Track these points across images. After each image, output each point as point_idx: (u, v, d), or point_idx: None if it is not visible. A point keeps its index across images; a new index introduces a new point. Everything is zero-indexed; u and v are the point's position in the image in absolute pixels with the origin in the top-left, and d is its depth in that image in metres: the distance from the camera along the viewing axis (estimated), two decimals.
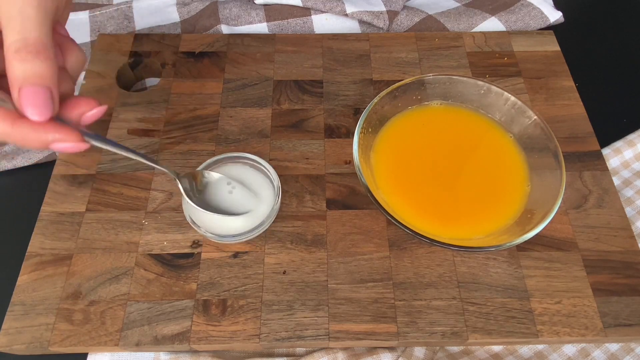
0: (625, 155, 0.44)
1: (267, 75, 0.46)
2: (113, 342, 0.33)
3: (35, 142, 0.26)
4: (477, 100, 0.41)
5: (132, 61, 0.47)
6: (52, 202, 0.39)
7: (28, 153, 0.43)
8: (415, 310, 0.34)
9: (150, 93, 0.45)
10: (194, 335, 0.33)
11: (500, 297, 0.35)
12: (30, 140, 0.26)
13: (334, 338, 0.33)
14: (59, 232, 0.37)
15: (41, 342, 0.33)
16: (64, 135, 0.26)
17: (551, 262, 0.36)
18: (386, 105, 0.39)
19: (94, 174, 0.40)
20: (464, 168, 0.39)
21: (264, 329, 0.34)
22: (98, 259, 0.36)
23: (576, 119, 0.44)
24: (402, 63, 0.47)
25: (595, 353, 0.35)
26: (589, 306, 0.35)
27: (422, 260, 0.37)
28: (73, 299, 0.35)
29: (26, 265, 0.36)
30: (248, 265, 0.36)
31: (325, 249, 0.37)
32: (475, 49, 0.48)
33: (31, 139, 0.26)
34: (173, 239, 0.37)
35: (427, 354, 0.35)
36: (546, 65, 0.47)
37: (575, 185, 0.40)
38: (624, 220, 0.38)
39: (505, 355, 0.36)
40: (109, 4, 0.53)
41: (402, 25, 0.53)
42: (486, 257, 0.37)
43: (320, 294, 0.35)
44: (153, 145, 0.42)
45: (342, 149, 0.42)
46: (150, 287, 0.35)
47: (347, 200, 0.39)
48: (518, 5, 0.54)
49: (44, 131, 0.26)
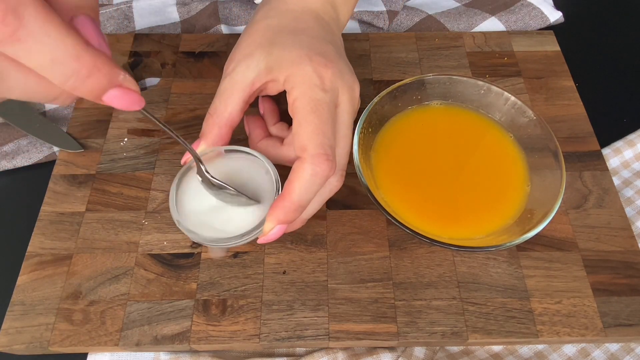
0: (625, 155, 0.44)
1: None
2: (113, 342, 0.33)
3: (103, 79, 0.21)
4: (477, 100, 0.41)
5: (132, 61, 0.47)
6: (52, 202, 0.39)
7: (28, 153, 0.43)
8: (415, 310, 0.34)
9: (150, 93, 0.45)
10: (194, 335, 0.33)
11: (500, 297, 0.35)
12: (98, 75, 0.21)
13: (334, 338, 0.33)
14: (59, 232, 0.37)
15: (41, 342, 0.33)
16: (131, 80, 0.23)
17: (551, 262, 0.36)
18: (386, 105, 0.39)
19: (94, 174, 0.40)
20: (464, 168, 0.39)
21: (264, 329, 0.34)
22: (98, 259, 0.36)
23: (576, 119, 0.44)
24: (402, 63, 0.47)
25: (595, 353, 0.35)
26: (589, 306, 0.35)
27: (422, 260, 0.37)
28: (73, 299, 0.35)
29: (26, 265, 0.36)
30: (248, 265, 0.36)
31: (325, 249, 0.37)
32: (475, 49, 0.48)
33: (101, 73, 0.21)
34: (173, 238, 0.37)
35: (427, 354, 0.35)
36: (546, 65, 0.47)
37: (575, 185, 0.40)
38: (624, 220, 0.38)
39: (505, 355, 0.35)
40: (109, 4, 0.53)
41: (402, 25, 0.53)
42: (486, 257, 0.37)
43: (320, 294, 0.35)
44: (153, 145, 0.42)
45: None
46: (150, 287, 0.35)
47: (347, 200, 0.39)
48: (518, 5, 0.54)
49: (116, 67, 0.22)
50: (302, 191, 0.30)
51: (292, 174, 0.30)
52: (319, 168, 0.30)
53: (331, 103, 0.32)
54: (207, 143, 0.34)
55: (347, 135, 0.34)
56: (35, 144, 0.43)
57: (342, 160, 0.34)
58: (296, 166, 0.30)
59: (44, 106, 0.46)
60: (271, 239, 0.31)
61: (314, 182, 0.30)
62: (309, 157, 0.30)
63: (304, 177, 0.30)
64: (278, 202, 0.30)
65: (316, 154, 0.30)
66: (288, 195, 0.30)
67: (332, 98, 0.32)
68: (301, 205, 0.30)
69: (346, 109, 0.33)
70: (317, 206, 0.34)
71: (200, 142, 0.34)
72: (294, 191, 0.30)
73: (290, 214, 0.30)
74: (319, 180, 0.30)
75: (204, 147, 0.34)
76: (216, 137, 0.34)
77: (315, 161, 0.30)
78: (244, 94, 0.34)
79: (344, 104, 0.33)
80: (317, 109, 0.31)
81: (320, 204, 0.34)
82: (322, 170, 0.30)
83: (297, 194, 0.30)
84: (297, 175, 0.30)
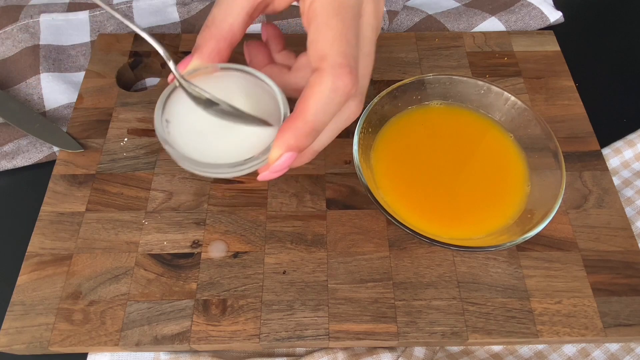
0: (625, 155, 0.44)
1: None
2: (113, 342, 0.33)
3: None
4: (477, 100, 0.41)
5: (132, 61, 0.47)
6: (52, 202, 0.39)
7: (28, 153, 0.43)
8: (415, 310, 0.34)
9: (150, 93, 0.45)
10: (194, 335, 0.33)
11: (500, 297, 0.35)
12: None
13: (334, 338, 0.33)
14: (59, 232, 0.37)
15: (41, 342, 0.33)
16: None
17: (551, 262, 0.36)
18: (386, 105, 0.39)
19: (94, 174, 0.40)
20: (464, 168, 0.39)
21: (264, 329, 0.34)
22: (98, 259, 0.36)
23: (576, 119, 0.44)
24: (402, 63, 0.47)
25: (595, 353, 0.35)
26: (589, 306, 0.35)
27: (422, 260, 0.37)
28: (73, 299, 0.35)
29: (26, 265, 0.36)
30: (248, 265, 0.36)
31: (325, 249, 0.37)
32: (475, 49, 0.48)
33: None
34: (173, 238, 0.37)
35: (427, 354, 0.35)
36: (546, 65, 0.47)
37: (575, 185, 0.40)
38: (624, 220, 0.38)
39: (505, 355, 0.36)
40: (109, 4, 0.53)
41: (402, 25, 0.53)
42: (486, 257, 0.37)
43: (320, 294, 0.35)
44: (153, 145, 0.42)
45: (342, 149, 0.42)
46: (150, 287, 0.35)
47: (347, 200, 0.39)
48: (518, 5, 0.54)
49: None
50: (319, 109, 0.25)
51: (307, 90, 0.26)
52: (340, 82, 0.25)
53: (356, 8, 0.27)
54: (202, 57, 0.29)
55: (370, 54, 0.29)
56: (35, 144, 0.43)
57: (363, 82, 0.29)
58: (313, 80, 0.26)
59: (44, 106, 0.46)
60: (276, 171, 0.27)
61: (332, 99, 0.25)
62: (329, 68, 0.25)
63: (323, 91, 0.25)
64: (289, 123, 0.26)
65: (338, 64, 0.25)
66: (302, 114, 0.25)
67: (357, 3, 0.27)
68: (316, 128, 0.26)
69: (370, 22, 0.28)
70: (332, 136, 0.29)
71: (192, 56, 0.29)
72: (308, 109, 0.25)
73: (303, 139, 0.26)
74: (338, 98, 0.26)
75: (197, 63, 0.29)
76: (212, 52, 0.29)
77: (337, 72, 0.25)
78: (248, 4, 0.29)
79: (367, 16, 0.28)
80: (340, 12, 0.26)
81: (335, 133, 0.29)
82: (344, 84, 0.25)
83: (312, 112, 0.25)
84: (313, 90, 0.25)
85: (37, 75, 0.47)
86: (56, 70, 0.48)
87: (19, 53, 0.48)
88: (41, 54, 0.48)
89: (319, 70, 0.26)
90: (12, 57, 0.48)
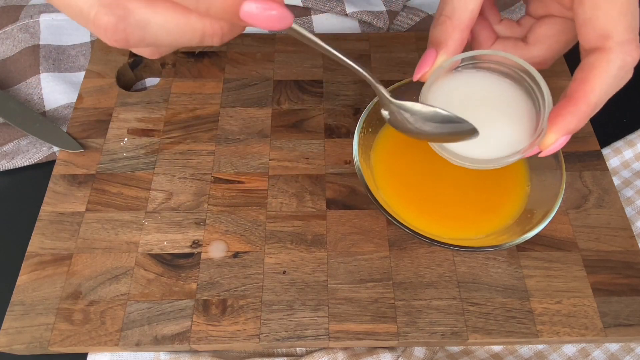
0: (625, 155, 0.44)
1: (267, 75, 0.46)
2: (113, 342, 0.33)
3: None
4: None
5: (132, 61, 0.47)
6: (52, 202, 0.39)
7: (28, 153, 0.43)
8: (415, 310, 0.34)
9: (150, 93, 0.45)
10: (194, 335, 0.33)
11: (500, 297, 0.35)
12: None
13: (334, 338, 0.33)
14: (59, 232, 0.37)
15: (41, 342, 0.33)
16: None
17: (551, 262, 0.36)
18: None
19: (94, 174, 0.40)
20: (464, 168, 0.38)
21: (264, 329, 0.34)
22: (98, 259, 0.36)
23: None
24: (402, 63, 0.47)
25: (595, 353, 0.35)
26: (589, 306, 0.35)
27: (422, 260, 0.37)
28: (73, 299, 0.35)
29: (26, 265, 0.36)
30: (248, 265, 0.36)
31: (325, 249, 0.37)
32: None
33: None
34: (173, 238, 0.37)
35: (427, 354, 0.35)
36: None
37: (575, 185, 0.40)
38: (624, 220, 0.38)
39: (505, 355, 0.36)
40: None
41: (402, 25, 0.53)
42: (486, 257, 0.37)
43: (320, 294, 0.35)
44: (153, 145, 0.42)
45: (342, 149, 0.42)
46: (150, 287, 0.35)
47: (347, 200, 0.39)
48: (518, 5, 0.54)
49: None
50: (604, 90, 0.25)
51: (590, 71, 0.25)
52: (629, 57, 0.24)
53: None
54: (448, 52, 0.28)
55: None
56: (35, 144, 0.43)
57: None
58: (596, 60, 0.25)
59: (44, 106, 0.46)
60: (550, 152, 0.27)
61: (619, 76, 0.25)
62: (616, 46, 0.24)
63: (610, 71, 0.24)
64: (569, 108, 0.25)
65: (626, 40, 0.24)
66: (585, 96, 0.25)
67: None
68: (597, 108, 0.25)
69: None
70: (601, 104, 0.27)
71: (436, 53, 0.28)
72: (593, 91, 0.25)
73: (583, 122, 0.25)
74: (624, 74, 0.25)
75: (444, 59, 0.28)
76: (458, 44, 0.28)
77: (626, 49, 0.24)
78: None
79: None
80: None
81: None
82: (632, 59, 0.24)
83: (597, 94, 0.25)
84: (599, 70, 0.25)
85: (37, 75, 0.47)
86: (56, 70, 0.48)
87: (19, 53, 0.48)
88: (41, 54, 0.48)
89: (603, 49, 0.25)
90: (12, 57, 0.48)
